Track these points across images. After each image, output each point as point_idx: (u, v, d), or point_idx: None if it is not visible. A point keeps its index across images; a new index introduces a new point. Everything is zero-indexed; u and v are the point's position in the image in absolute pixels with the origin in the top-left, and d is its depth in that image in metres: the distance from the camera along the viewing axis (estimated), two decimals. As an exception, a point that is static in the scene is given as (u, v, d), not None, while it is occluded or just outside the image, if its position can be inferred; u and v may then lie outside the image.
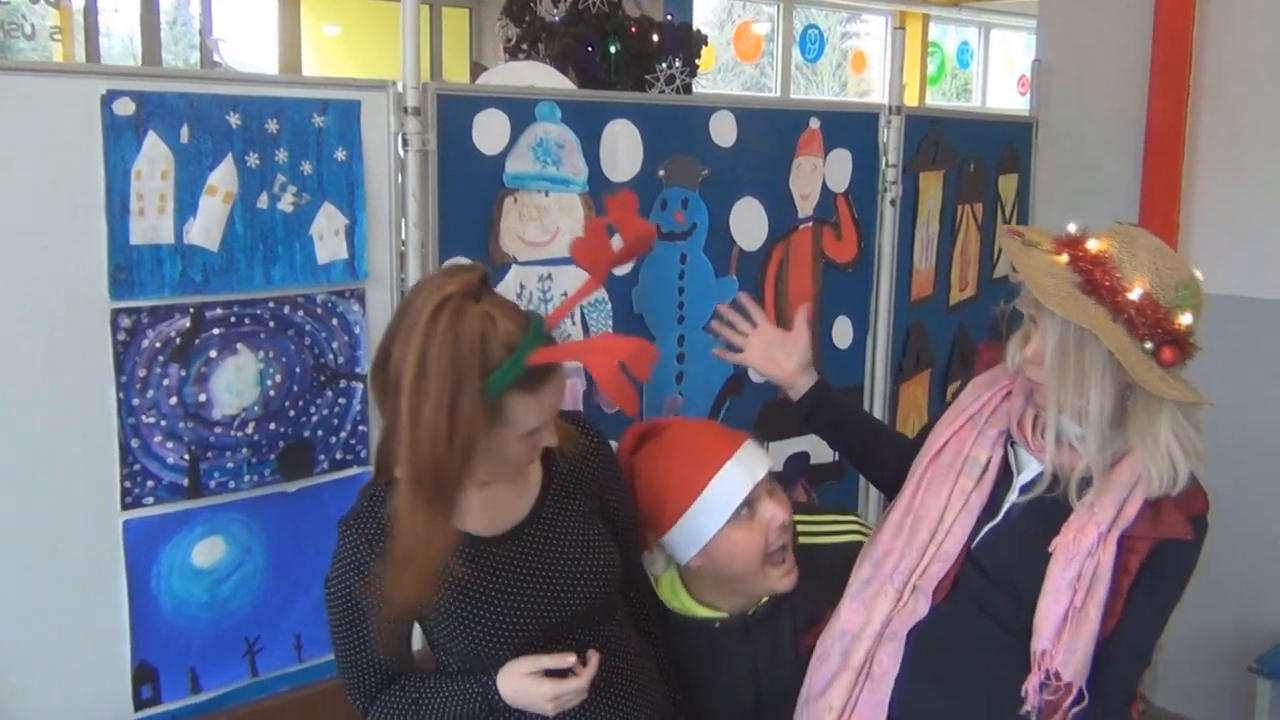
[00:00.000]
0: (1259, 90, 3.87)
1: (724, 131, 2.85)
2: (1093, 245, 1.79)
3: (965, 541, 1.89)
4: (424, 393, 1.59)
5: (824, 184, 3.14)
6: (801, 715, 2.00)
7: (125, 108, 1.94)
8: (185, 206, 2.02)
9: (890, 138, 3.31)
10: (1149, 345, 1.75)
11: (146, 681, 2.06)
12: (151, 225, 1.99)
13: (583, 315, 2.61)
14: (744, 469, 2.01)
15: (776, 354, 2.33)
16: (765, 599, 2.09)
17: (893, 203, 3.34)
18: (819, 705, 1.94)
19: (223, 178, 2.05)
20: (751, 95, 6.27)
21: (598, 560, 1.87)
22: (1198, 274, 1.82)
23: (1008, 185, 4.04)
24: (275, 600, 2.20)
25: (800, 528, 2.13)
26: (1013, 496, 1.91)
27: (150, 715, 2.07)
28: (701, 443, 2.06)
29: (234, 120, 2.06)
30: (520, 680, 1.77)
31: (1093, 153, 4.27)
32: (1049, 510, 1.84)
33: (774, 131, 2.99)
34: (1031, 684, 1.81)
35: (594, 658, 1.78)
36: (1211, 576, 4.13)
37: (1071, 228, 1.85)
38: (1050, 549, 1.81)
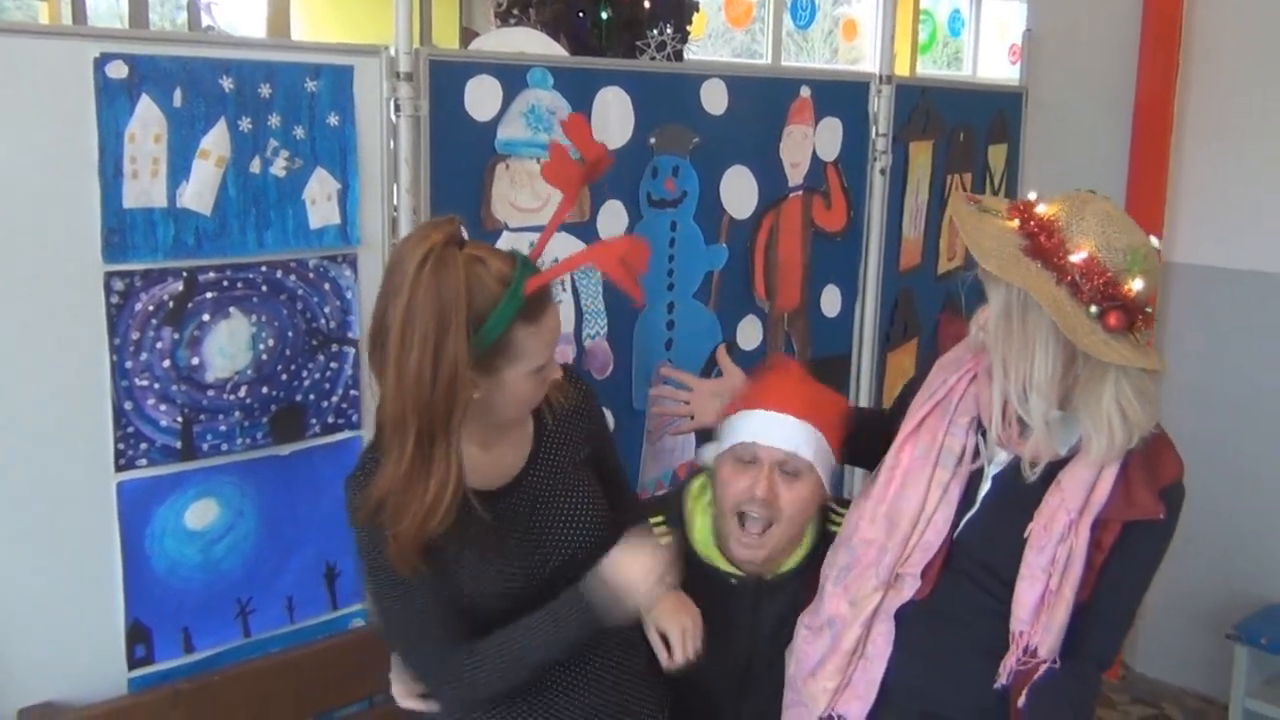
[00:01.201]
0: (1248, 62, 3.89)
1: (715, 99, 2.86)
2: (1042, 209, 1.78)
3: (947, 532, 1.90)
4: (410, 338, 1.60)
5: (814, 153, 3.15)
6: (790, 695, 2.02)
7: (118, 71, 1.94)
8: (178, 170, 2.02)
9: (880, 107, 3.32)
10: (1094, 310, 1.70)
11: (140, 641, 2.08)
12: (144, 189, 1.99)
13: (574, 282, 2.62)
14: (781, 429, 2.03)
15: (721, 405, 2.24)
16: (787, 568, 2.11)
17: (882, 172, 3.35)
18: (813, 685, 1.96)
19: (215, 142, 2.05)
20: (742, 63, 6.25)
21: (590, 508, 1.91)
22: (1154, 241, 1.78)
23: (997, 155, 4.05)
24: (268, 562, 2.22)
25: (833, 517, 2.16)
26: (986, 486, 1.91)
27: (144, 674, 2.09)
28: (794, 388, 2.11)
29: (227, 84, 2.06)
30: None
31: (1082, 123, 4.28)
32: (1023, 495, 1.84)
33: (765, 100, 3.00)
34: (1008, 662, 1.83)
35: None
36: (1191, 544, 4.18)
37: (1031, 195, 1.84)
38: (1025, 535, 1.82)
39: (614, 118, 2.64)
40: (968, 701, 1.89)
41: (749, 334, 3.07)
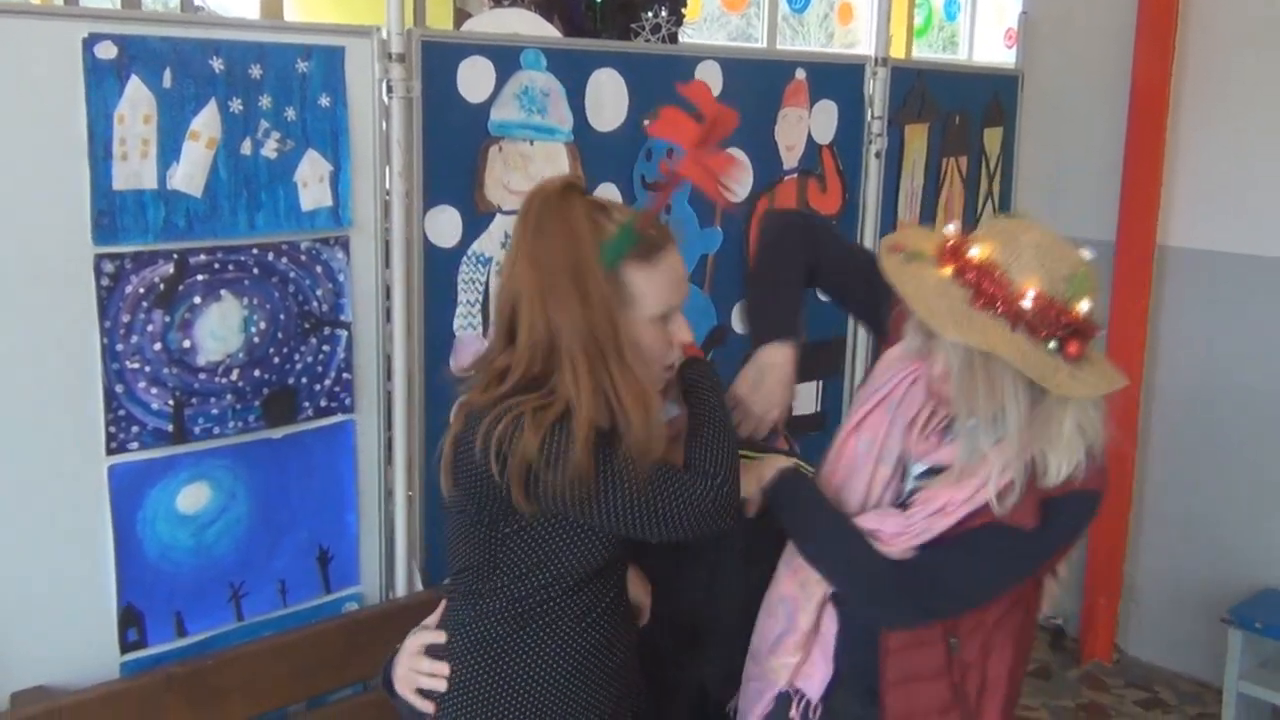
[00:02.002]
0: (1244, 46, 3.87)
1: (710, 82, 2.84)
2: (975, 253, 1.71)
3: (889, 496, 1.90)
4: (554, 274, 1.64)
5: (809, 135, 3.14)
6: (753, 669, 2.02)
7: (107, 51, 1.93)
8: (168, 152, 2.01)
9: (876, 90, 3.31)
10: (1052, 345, 1.67)
11: (132, 625, 2.08)
12: (134, 170, 1.98)
13: (567, 265, 2.60)
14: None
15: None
16: None
17: (877, 155, 3.34)
18: (774, 661, 1.97)
19: (206, 123, 2.04)
20: (737, 46, 6.22)
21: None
22: (1085, 254, 1.74)
23: (993, 138, 4.04)
24: (260, 546, 2.22)
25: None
26: (909, 484, 1.92)
27: (136, 658, 2.09)
28: None
29: (217, 65, 2.04)
30: None
31: (1078, 107, 4.27)
32: None
33: (760, 82, 2.98)
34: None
35: None
36: (1186, 529, 4.21)
37: (950, 229, 1.79)
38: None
39: (607, 100, 2.63)
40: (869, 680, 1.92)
41: (741, 318, 3.06)
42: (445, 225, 2.41)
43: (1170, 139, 4.01)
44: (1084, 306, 1.69)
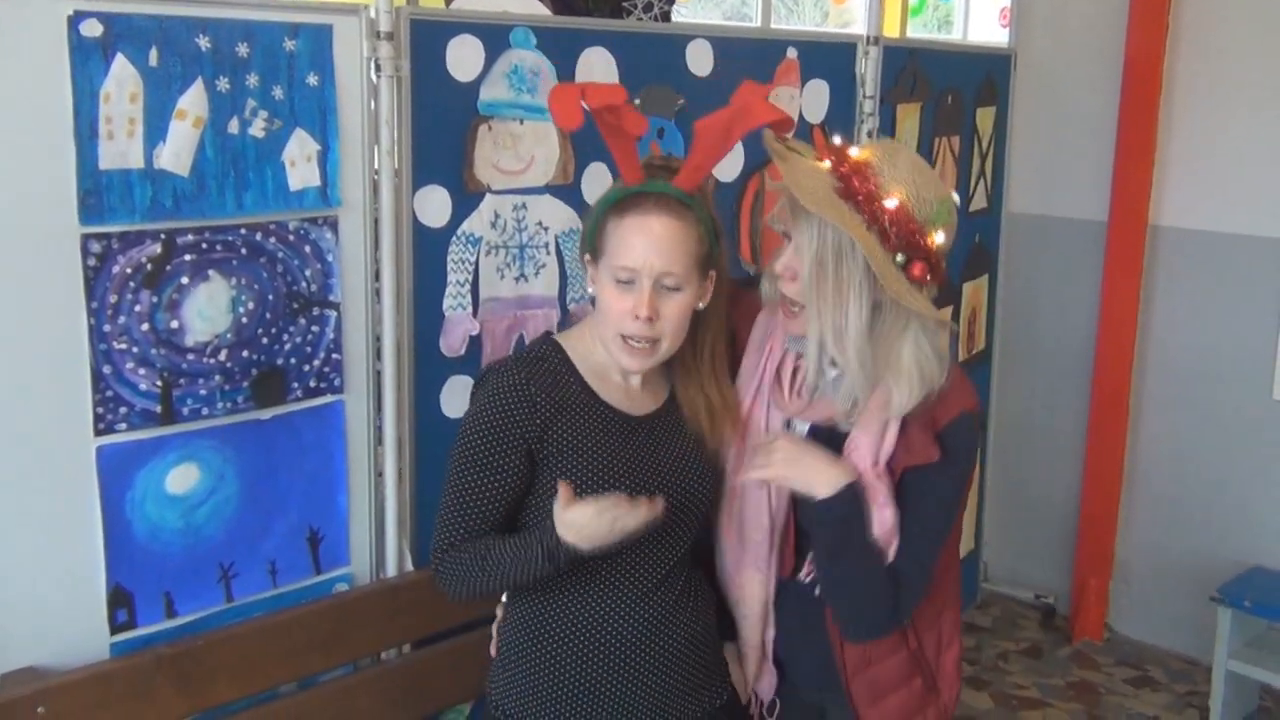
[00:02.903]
0: (1237, 27, 3.87)
1: (701, 60, 2.83)
2: (854, 153, 1.76)
3: (789, 508, 1.93)
4: None
5: (801, 115, 3.13)
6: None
7: (92, 29, 1.91)
8: (155, 131, 1.99)
9: (868, 69, 3.30)
10: (900, 258, 1.71)
11: (122, 606, 2.07)
12: (121, 149, 1.96)
13: (558, 247, 2.60)
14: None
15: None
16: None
17: (870, 134, 3.33)
18: (745, 644, 2.03)
19: (192, 102, 2.03)
20: (729, 25, 6.18)
21: (703, 474, 1.94)
22: (955, 196, 1.79)
23: (985, 118, 4.03)
24: (250, 527, 2.21)
25: None
26: None
27: (126, 639, 2.08)
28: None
29: (203, 43, 2.03)
30: (571, 513, 1.73)
31: (1071, 86, 4.26)
32: (826, 443, 1.87)
33: (751, 61, 2.97)
34: None
35: (659, 503, 1.77)
36: (1175, 507, 4.23)
37: (837, 139, 1.84)
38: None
39: (598, 79, 2.61)
40: (830, 668, 1.96)
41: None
42: (434, 205, 2.40)
43: (1163, 119, 4.01)
44: (939, 238, 1.74)
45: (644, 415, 1.91)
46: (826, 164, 1.77)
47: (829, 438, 1.88)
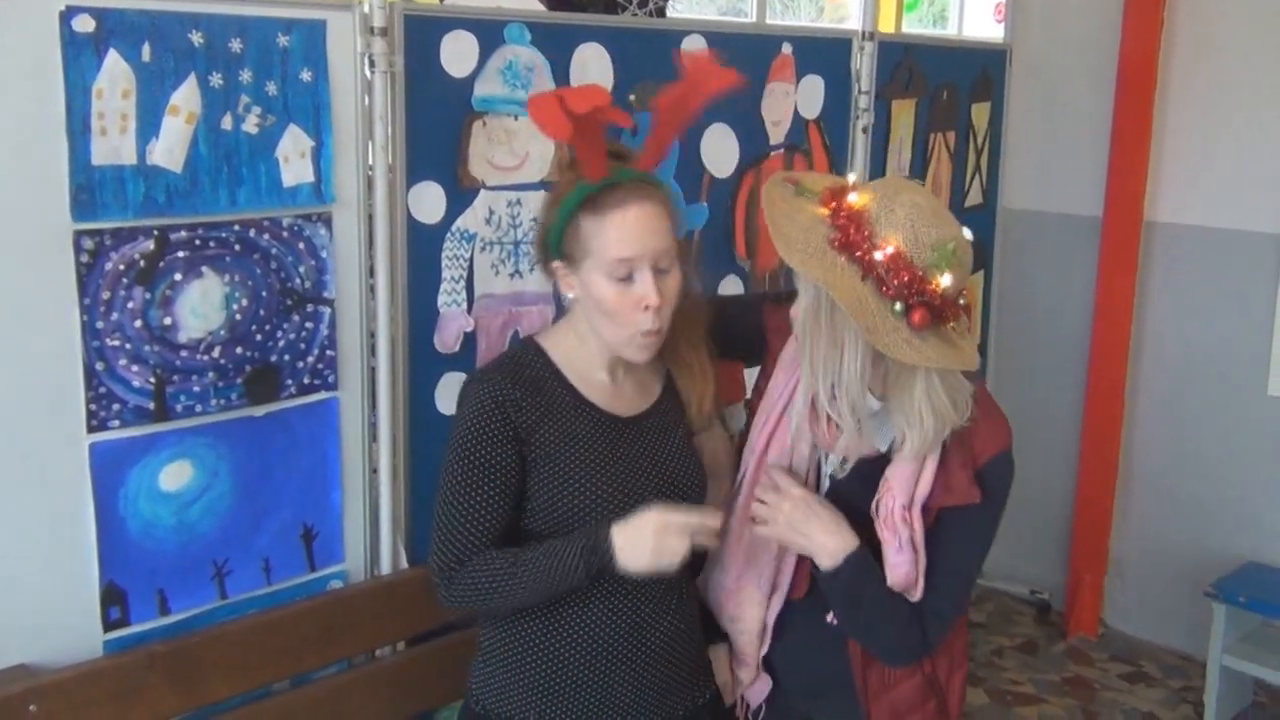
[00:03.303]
0: (1232, 23, 3.87)
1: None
2: (853, 199, 1.71)
3: None
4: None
5: (796, 110, 3.13)
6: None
7: (85, 25, 1.90)
8: (147, 127, 1.98)
9: (863, 64, 3.30)
10: (899, 306, 1.64)
11: (115, 603, 2.07)
12: (114, 145, 1.95)
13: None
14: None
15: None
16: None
17: (865, 130, 3.33)
18: (739, 654, 2.03)
19: (185, 98, 2.02)
20: (724, 20, 6.18)
21: (695, 470, 1.94)
22: (967, 234, 1.73)
23: (980, 114, 4.03)
24: (243, 524, 2.21)
25: None
26: (825, 485, 1.93)
27: (119, 637, 2.07)
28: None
29: (196, 39, 2.02)
30: (641, 521, 1.73)
31: (1066, 82, 4.26)
32: (858, 493, 1.86)
33: (746, 57, 2.96)
34: None
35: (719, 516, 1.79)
36: (1170, 503, 4.23)
37: (851, 177, 1.80)
38: (878, 529, 1.83)
39: (593, 74, 2.61)
40: (843, 681, 1.95)
41: (729, 292, 3.05)
42: (429, 201, 2.39)
43: (1158, 115, 4.01)
44: (945, 280, 1.66)
45: (632, 416, 1.89)
46: (825, 211, 1.72)
47: (865, 472, 1.86)
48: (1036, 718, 3.81)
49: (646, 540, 1.73)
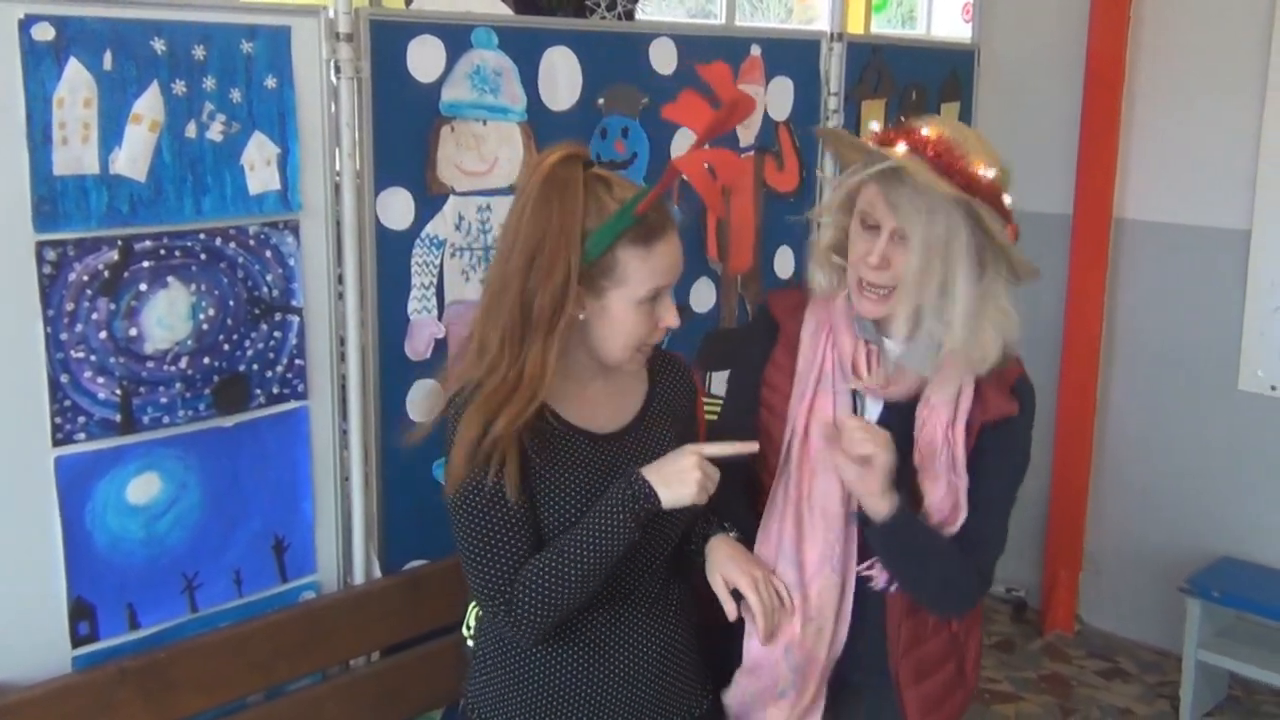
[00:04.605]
0: (1196, 22, 3.89)
1: (664, 59, 2.82)
2: (927, 132, 1.77)
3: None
4: (527, 238, 1.67)
5: (765, 112, 3.12)
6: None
7: (44, 33, 1.88)
8: (110, 136, 1.96)
9: (832, 66, 3.30)
10: (999, 224, 1.78)
11: (83, 618, 2.04)
12: (75, 155, 1.93)
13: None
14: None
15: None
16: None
17: (834, 131, 3.33)
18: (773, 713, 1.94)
19: (148, 106, 2.00)
20: (692, 22, 6.18)
21: None
22: None
23: (950, 114, 4.03)
24: (214, 536, 2.19)
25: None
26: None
27: (88, 652, 2.05)
28: None
29: (159, 46, 2.00)
30: (673, 457, 1.72)
31: (1034, 82, 4.27)
32: (902, 441, 1.86)
33: (714, 59, 2.94)
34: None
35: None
36: (1144, 499, 4.24)
37: (873, 125, 1.88)
38: (916, 463, 1.85)
39: (561, 78, 2.60)
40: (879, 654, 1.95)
41: (702, 296, 3.05)
42: (397, 207, 2.37)
43: (1125, 113, 4.03)
44: (1009, 200, 1.81)
45: (612, 433, 1.85)
46: (903, 148, 1.77)
47: (901, 415, 1.88)
48: (1014, 716, 3.81)
49: (686, 471, 1.70)
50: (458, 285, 2.48)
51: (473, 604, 1.97)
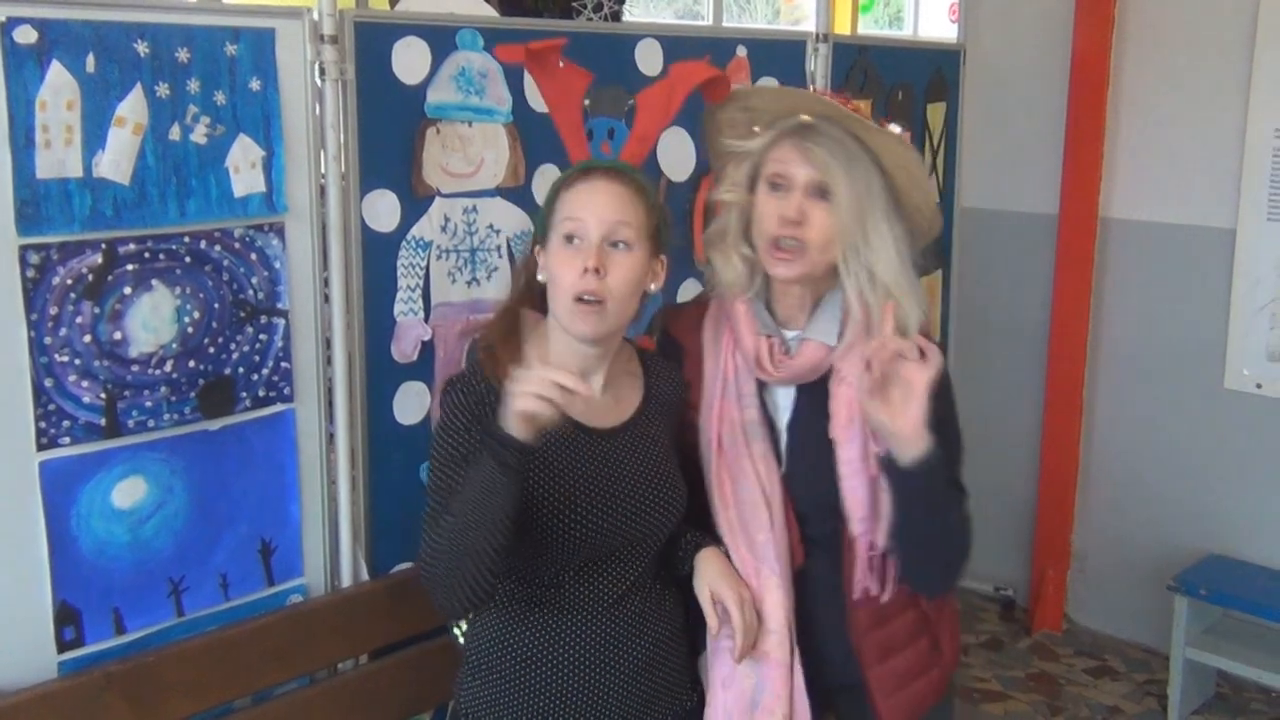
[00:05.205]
0: (1181, 22, 3.91)
1: (650, 60, 2.81)
2: (829, 95, 1.92)
3: (784, 495, 1.92)
4: None
5: (752, 113, 3.12)
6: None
7: (26, 36, 1.87)
8: (93, 139, 1.96)
9: (817, 66, 3.30)
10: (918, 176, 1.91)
11: (69, 623, 2.03)
12: (59, 158, 1.92)
13: (510, 250, 2.58)
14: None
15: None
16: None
17: (821, 132, 3.32)
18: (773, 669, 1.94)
19: (132, 108, 1.99)
20: (678, 24, 6.21)
21: (676, 482, 1.92)
22: None
23: (935, 113, 4.04)
24: (200, 540, 2.18)
25: None
26: (784, 438, 1.95)
27: (74, 657, 2.04)
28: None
29: (142, 49, 1.99)
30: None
31: (1020, 81, 4.29)
32: (817, 422, 1.90)
33: (699, 60, 2.95)
34: (859, 568, 1.91)
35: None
36: (1131, 497, 4.26)
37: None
38: (831, 436, 1.87)
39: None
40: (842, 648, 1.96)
41: (689, 297, 3.04)
42: (383, 210, 2.37)
43: (1111, 112, 4.05)
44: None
45: (606, 429, 1.87)
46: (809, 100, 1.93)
47: (814, 396, 1.91)
48: (1003, 714, 3.82)
49: (510, 396, 1.63)
50: (444, 287, 2.47)
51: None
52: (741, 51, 3.06)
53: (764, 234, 1.88)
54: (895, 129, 1.88)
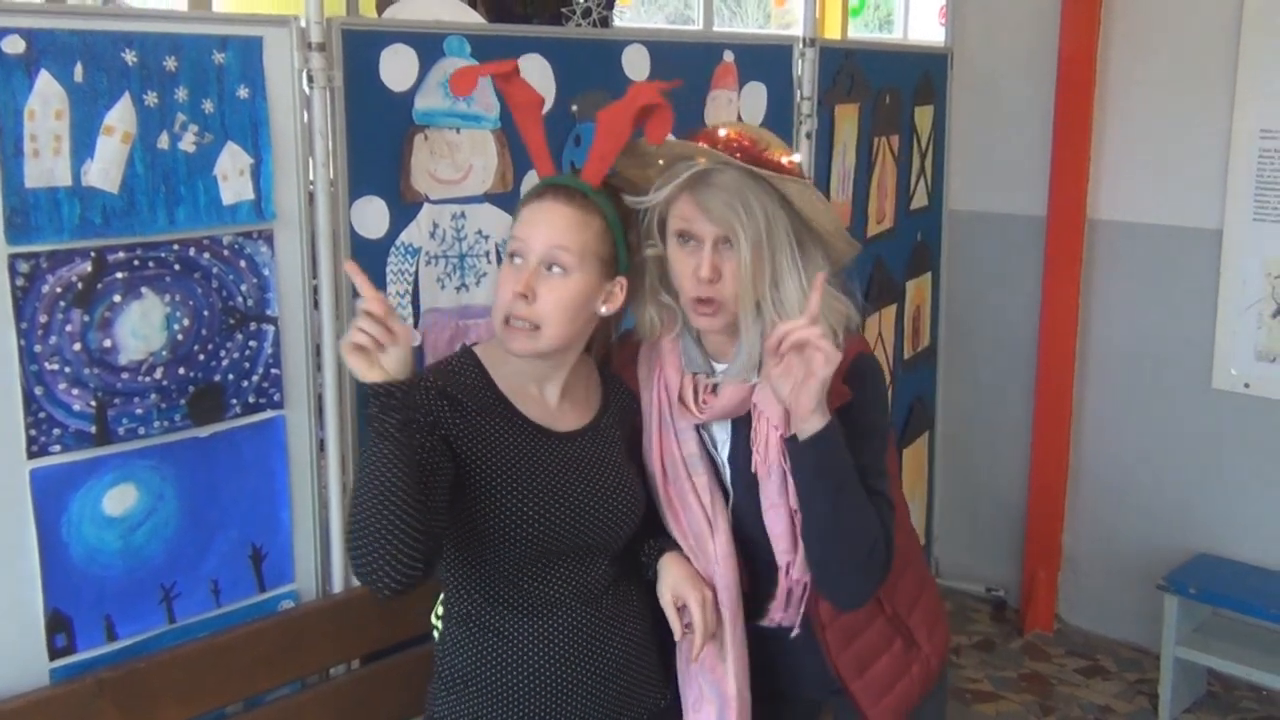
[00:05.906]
0: (1167, 24, 3.93)
1: (638, 65, 2.83)
2: (724, 133, 1.84)
3: (729, 529, 1.94)
4: None
5: (739, 117, 3.13)
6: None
7: (14, 46, 1.88)
8: (82, 147, 1.96)
9: (805, 70, 3.32)
10: (822, 205, 1.88)
11: (60, 631, 2.03)
12: (47, 167, 1.93)
13: (498, 255, 2.59)
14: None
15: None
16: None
17: (808, 136, 3.35)
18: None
19: (120, 117, 2.00)
20: (667, 29, 6.21)
21: (634, 486, 1.94)
22: None
23: (923, 117, 4.06)
24: (191, 546, 2.18)
25: None
26: (727, 471, 1.97)
27: (66, 664, 2.04)
28: None
29: (130, 58, 2.00)
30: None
31: (1007, 84, 4.31)
32: (747, 435, 1.91)
33: (688, 65, 2.97)
34: (780, 598, 1.93)
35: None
36: (1120, 497, 4.28)
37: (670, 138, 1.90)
38: (753, 470, 1.88)
39: (534, 85, 2.59)
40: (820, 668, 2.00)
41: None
42: (372, 216, 2.38)
43: (1098, 114, 4.07)
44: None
45: (567, 432, 1.90)
46: (706, 147, 1.83)
47: (745, 427, 1.91)
48: (995, 715, 3.84)
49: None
50: (433, 293, 2.48)
51: (439, 594, 1.99)
52: (729, 56, 3.07)
53: (683, 291, 1.88)
54: (796, 158, 1.85)
